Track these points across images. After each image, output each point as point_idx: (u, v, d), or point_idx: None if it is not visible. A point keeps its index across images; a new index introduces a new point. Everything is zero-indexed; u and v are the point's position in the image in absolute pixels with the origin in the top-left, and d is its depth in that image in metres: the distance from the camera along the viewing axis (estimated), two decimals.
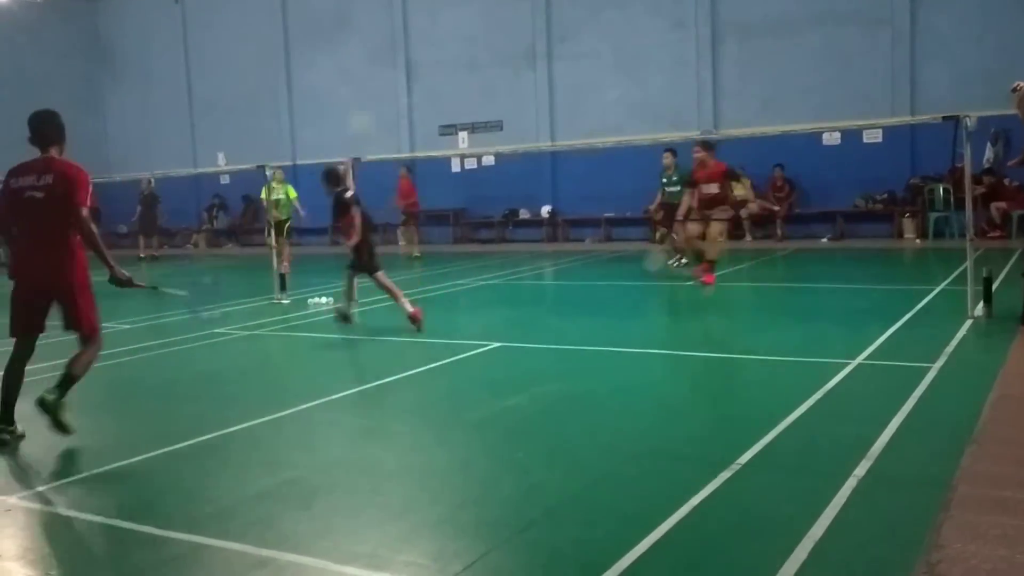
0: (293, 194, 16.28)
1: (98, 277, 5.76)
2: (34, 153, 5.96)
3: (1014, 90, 7.77)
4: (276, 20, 24.86)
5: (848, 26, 18.32)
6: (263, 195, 15.79)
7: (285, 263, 15.06)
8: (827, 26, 18.47)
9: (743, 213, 18.45)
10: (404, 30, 23.09)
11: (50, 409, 5.49)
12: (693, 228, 12.08)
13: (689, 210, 12.05)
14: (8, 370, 5.68)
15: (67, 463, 5.33)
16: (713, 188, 11.93)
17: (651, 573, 3.49)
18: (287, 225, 15.84)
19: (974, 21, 17.26)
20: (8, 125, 24.45)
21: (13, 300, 5.65)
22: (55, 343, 6.10)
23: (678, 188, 13.57)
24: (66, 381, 5.63)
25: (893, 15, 17.92)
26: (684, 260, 13.52)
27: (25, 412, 5.70)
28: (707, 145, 12.29)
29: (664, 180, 14.63)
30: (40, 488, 4.81)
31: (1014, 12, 16.92)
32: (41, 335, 5.71)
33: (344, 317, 9.46)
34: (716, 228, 11.70)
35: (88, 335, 5.72)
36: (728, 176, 12.21)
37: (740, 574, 3.49)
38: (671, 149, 14.83)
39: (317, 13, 24.33)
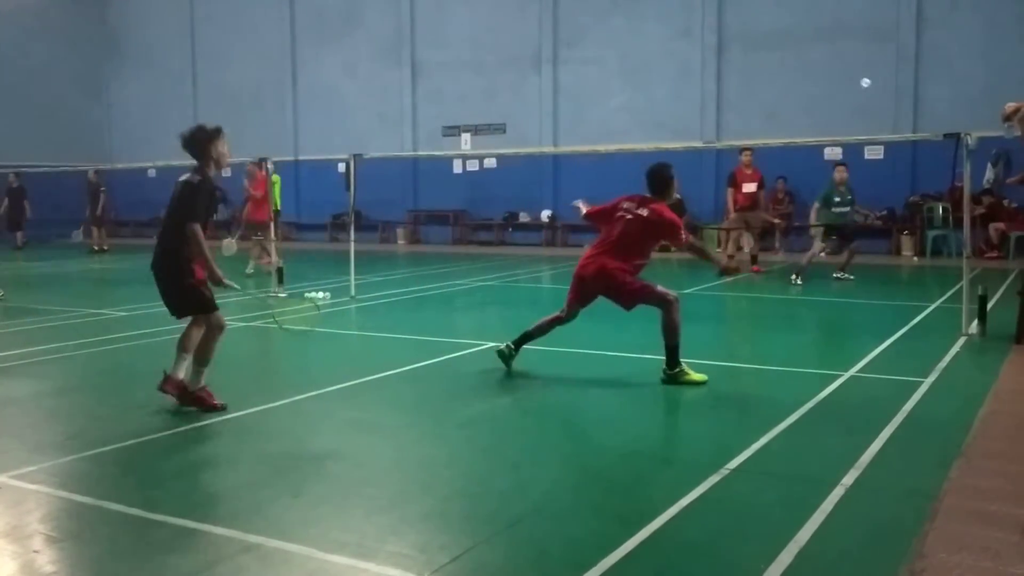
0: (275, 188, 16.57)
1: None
2: None
3: (1007, 118, 7.73)
4: (283, 14, 24.90)
5: (853, 41, 18.37)
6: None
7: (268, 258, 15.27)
8: (833, 41, 18.52)
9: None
10: (411, 29, 23.13)
11: (676, 381, 6.64)
12: (734, 233, 15.30)
13: (732, 208, 14.76)
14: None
15: (59, 444, 5.34)
16: (752, 187, 14.51)
17: (637, 572, 3.50)
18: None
19: (979, 41, 17.32)
20: (15, 110, 24.68)
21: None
22: None
23: (848, 208, 13.07)
24: (670, 352, 6.70)
25: (899, 32, 17.98)
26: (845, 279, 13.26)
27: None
28: (752, 151, 14.67)
29: (837, 198, 13.11)
30: (30, 468, 4.82)
31: (1019, 33, 16.98)
32: None
33: None
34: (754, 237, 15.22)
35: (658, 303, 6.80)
36: (762, 181, 14.85)
37: (725, 575, 3.51)
38: (844, 163, 13.65)
39: (325, 9, 24.37)
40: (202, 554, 3.71)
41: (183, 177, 6.00)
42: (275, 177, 16.68)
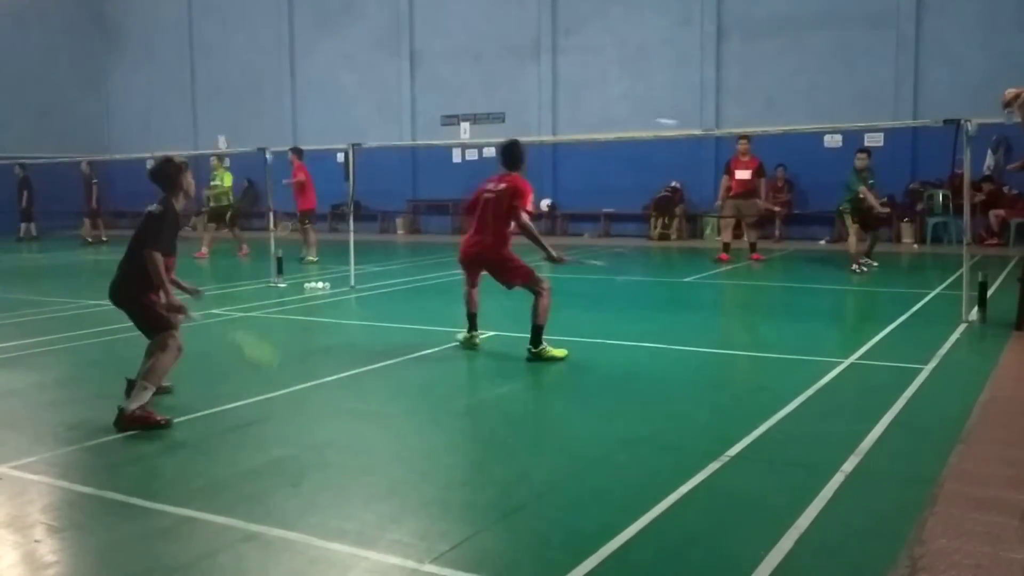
0: (229, 181, 16.92)
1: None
2: None
3: (1007, 104, 7.72)
4: (281, 5, 24.76)
5: (853, 28, 18.30)
6: (221, 182, 16.45)
7: (205, 248, 15.78)
8: (832, 27, 18.45)
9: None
10: (409, 18, 23.03)
11: (540, 357, 7.05)
12: (727, 221, 15.15)
13: (723, 195, 14.75)
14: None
15: (59, 434, 5.34)
16: (746, 174, 14.40)
17: (637, 558, 3.51)
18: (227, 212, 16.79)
19: (979, 27, 17.25)
20: (13, 101, 24.58)
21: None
22: None
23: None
24: (536, 331, 7.13)
25: (898, 18, 17.90)
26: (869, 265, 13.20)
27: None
28: (749, 139, 14.47)
29: (871, 182, 13.32)
30: (31, 458, 4.82)
31: (1019, 19, 16.91)
32: None
33: None
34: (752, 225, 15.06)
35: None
36: (760, 169, 14.65)
37: (725, 562, 3.51)
38: (866, 149, 13.65)
39: None
40: (203, 543, 3.72)
41: (149, 207, 5.82)
42: (227, 174, 17.03)
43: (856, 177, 13.14)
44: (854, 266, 12.86)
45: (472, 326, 7.78)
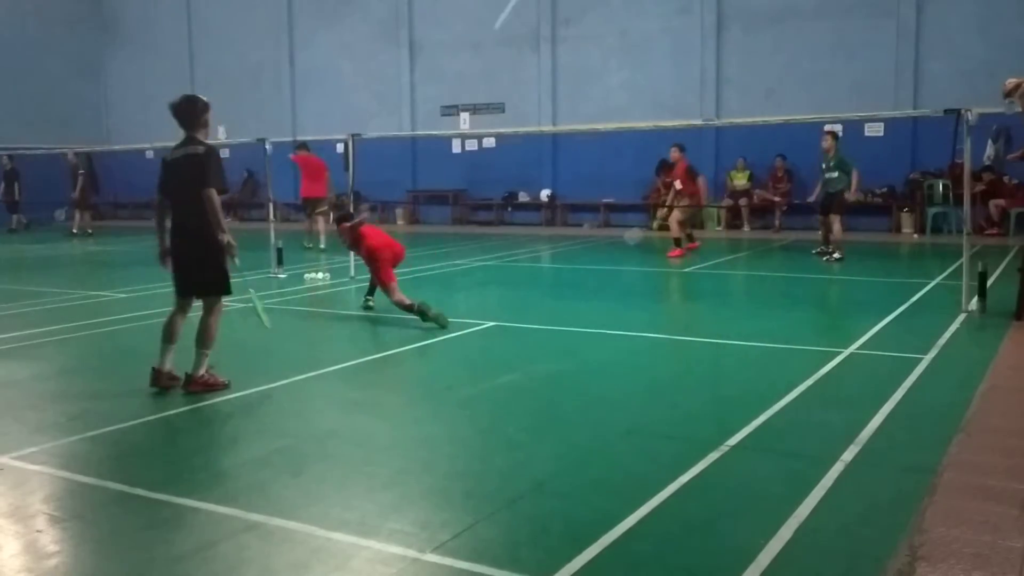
0: None
1: None
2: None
3: (1007, 94, 7.71)
4: None
5: (854, 17, 18.24)
6: None
7: None
8: (832, 17, 18.40)
9: (742, 202, 18.72)
10: (408, 8, 22.96)
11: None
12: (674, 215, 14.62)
13: (669, 199, 14.97)
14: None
15: (60, 425, 5.35)
16: (677, 184, 14.45)
17: (637, 548, 3.52)
18: None
19: (980, 17, 17.19)
20: (11, 91, 24.47)
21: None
22: None
23: (836, 175, 13.23)
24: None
25: (899, 8, 17.84)
26: (837, 255, 13.10)
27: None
28: (682, 148, 14.46)
29: (823, 165, 13.48)
30: (32, 449, 4.83)
31: (1019, 8, 16.86)
32: None
33: None
34: (675, 216, 14.29)
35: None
36: (688, 172, 14.51)
37: (725, 551, 3.52)
38: (832, 131, 13.62)
39: None
40: (204, 533, 3.73)
41: (183, 152, 6.00)
42: None
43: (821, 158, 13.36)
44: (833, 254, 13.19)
45: (423, 312, 8.21)
